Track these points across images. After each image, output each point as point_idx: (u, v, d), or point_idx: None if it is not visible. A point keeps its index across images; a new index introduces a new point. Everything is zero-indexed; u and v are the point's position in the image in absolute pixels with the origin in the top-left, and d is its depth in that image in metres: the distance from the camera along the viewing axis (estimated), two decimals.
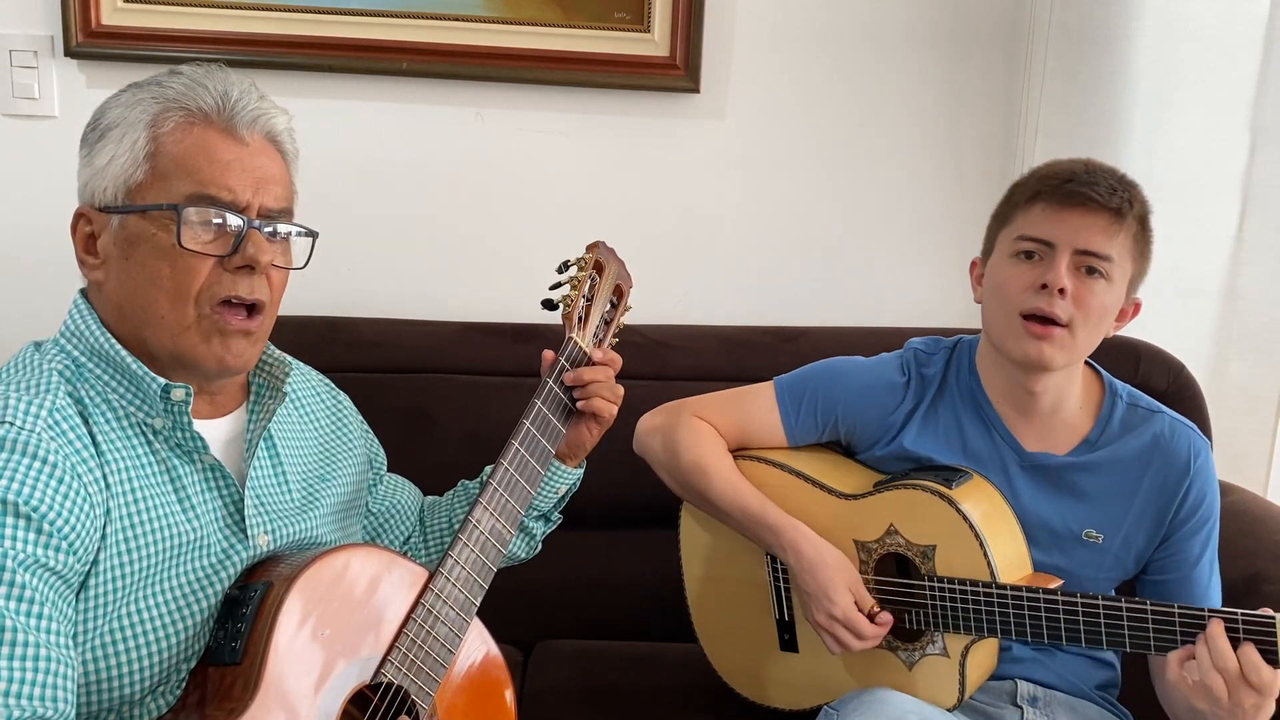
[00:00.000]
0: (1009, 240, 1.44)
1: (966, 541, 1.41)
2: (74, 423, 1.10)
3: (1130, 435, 1.49)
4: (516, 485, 1.30)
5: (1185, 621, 1.29)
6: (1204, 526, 1.48)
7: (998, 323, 1.45)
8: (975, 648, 1.43)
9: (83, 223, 1.17)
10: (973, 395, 1.53)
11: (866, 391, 1.56)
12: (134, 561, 1.11)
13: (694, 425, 1.60)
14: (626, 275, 1.51)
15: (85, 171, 1.17)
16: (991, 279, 1.47)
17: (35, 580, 1.02)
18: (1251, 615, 1.25)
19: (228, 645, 1.12)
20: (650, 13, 2.02)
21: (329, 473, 1.36)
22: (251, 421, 1.26)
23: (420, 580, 1.22)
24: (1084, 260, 1.39)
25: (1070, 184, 1.39)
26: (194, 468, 1.18)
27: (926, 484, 1.44)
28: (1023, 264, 1.42)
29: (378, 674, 1.16)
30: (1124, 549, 1.48)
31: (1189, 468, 1.47)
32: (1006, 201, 1.48)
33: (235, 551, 1.19)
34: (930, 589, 1.43)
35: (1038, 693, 1.50)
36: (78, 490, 1.06)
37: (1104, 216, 1.39)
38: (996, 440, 1.51)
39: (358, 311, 1.98)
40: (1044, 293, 1.39)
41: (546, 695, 1.70)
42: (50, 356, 1.15)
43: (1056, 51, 1.96)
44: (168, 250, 1.13)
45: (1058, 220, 1.40)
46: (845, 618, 1.43)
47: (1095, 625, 1.34)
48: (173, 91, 1.16)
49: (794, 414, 1.58)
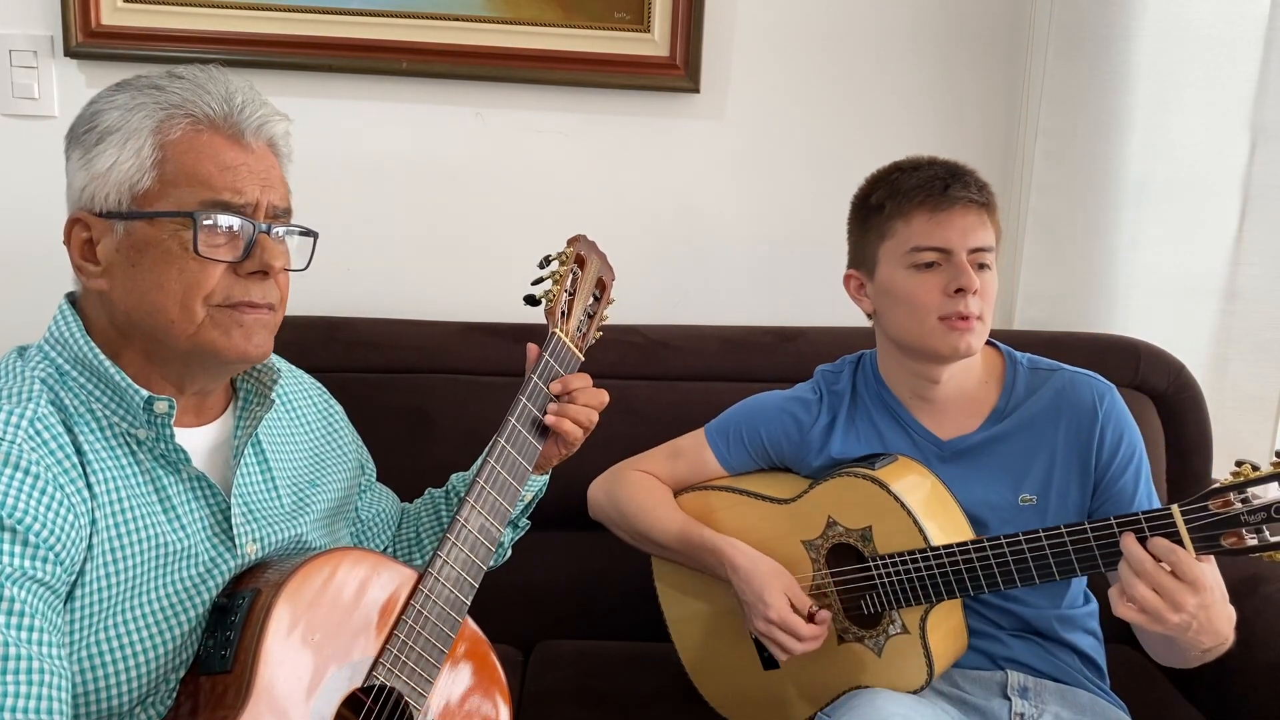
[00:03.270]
0: (900, 254, 1.49)
1: (897, 515, 1.45)
2: (56, 431, 1.09)
3: (1035, 396, 1.54)
4: (504, 482, 1.30)
5: (1098, 532, 1.33)
6: (1130, 463, 1.51)
7: (912, 329, 1.50)
8: (932, 618, 1.46)
9: (79, 228, 1.14)
10: (881, 399, 1.59)
11: (783, 413, 1.63)
12: (121, 571, 1.11)
13: (634, 477, 1.68)
14: (609, 268, 1.51)
15: (81, 175, 1.13)
16: (893, 292, 1.51)
17: (24, 593, 1.01)
18: (1152, 511, 1.29)
19: (218, 653, 1.12)
20: (650, 13, 2.02)
21: (320, 477, 1.36)
22: (239, 428, 1.26)
23: (410, 581, 1.21)
24: (976, 257, 1.48)
25: (949, 190, 1.47)
26: (179, 477, 1.18)
27: (852, 470, 1.51)
28: (925, 273, 1.47)
29: (370, 676, 1.16)
30: (1061, 503, 1.51)
31: (1096, 412, 1.51)
32: (876, 213, 1.52)
33: (223, 560, 1.18)
34: (876, 568, 1.47)
35: (1028, 682, 1.51)
36: (61, 500, 1.06)
37: (981, 213, 1.49)
38: (914, 436, 1.56)
39: (358, 311, 1.98)
40: (959, 296, 1.45)
41: (546, 695, 1.70)
42: (34, 364, 1.14)
43: (1056, 51, 1.96)
44: (178, 256, 1.12)
45: (947, 227, 1.47)
46: (780, 619, 1.47)
47: (1023, 560, 1.38)
48: (176, 96, 1.14)
49: (726, 449, 1.65)
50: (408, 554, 1.53)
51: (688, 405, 1.80)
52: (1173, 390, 1.90)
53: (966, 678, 1.52)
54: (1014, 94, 2.10)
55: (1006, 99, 2.11)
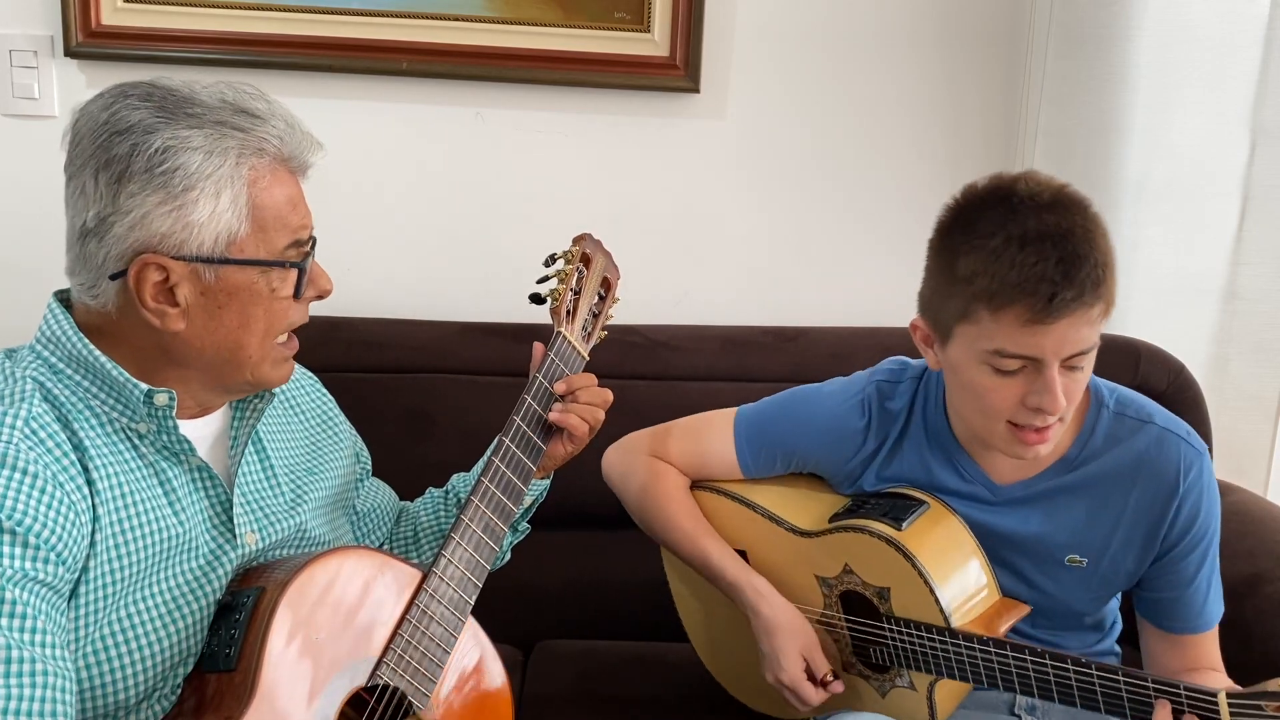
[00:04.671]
0: (980, 349, 1.26)
1: (916, 586, 1.36)
2: (52, 429, 1.08)
3: (1115, 450, 1.37)
4: (508, 483, 1.30)
5: (1132, 687, 1.23)
6: (1199, 545, 1.38)
7: (975, 422, 1.33)
8: (941, 683, 1.40)
9: (153, 271, 1.10)
10: (939, 434, 1.43)
11: (823, 437, 1.48)
12: (125, 566, 1.11)
13: (653, 470, 1.57)
14: (614, 267, 1.50)
15: (165, 219, 1.09)
16: (962, 376, 1.30)
17: (27, 595, 1.01)
18: (1196, 690, 1.18)
19: (222, 652, 1.12)
20: (650, 13, 2.02)
21: (317, 466, 1.36)
22: (236, 420, 1.26)
23: (414, 581, 1.21)
24: (1072, 361, 1.25)
25: (1055, 299, 1.19)
26: (182, 469, 1.18)
27: (875, 527, 1.38)
28: (1003, 377, 1.26)
29: (373, 676, 1.16)
30: (1112, 570, 1.40)
31: (1179, 484, 1.35)
32: (962, 282, 1.25)
33: (224, 553, 1.19)
34: (891, 630, 1.41)
35: (1035, 702, 1.46)
36: (61, 499, 1.05)
37: (1090, 311, 1.22)
38: (965, 476, 1.42)
39: (358, 311, 1.98)
40: (1037, 412, 1.25)
41: (546, 695, 1.70)
42: (26, 364, 1.13)
43: (1056, 51, 1.96)
44: (265, 298, 1.15)
45: (1043, 336, 1.22)
46: (792, 684, 1.43)
47: (1045, 679, 1.29)
48: (256, 139, 1.13)
49: (749, 455, 1.53)
50: (404, 552, 1.52)
51: (688, 405, 1.79)
52: (1173, 390, 1.89)
53: (973, 698, 1.46)
54: (1014, 94, 2.10)
55: (1006, 99, 2.11)
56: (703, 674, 1.69)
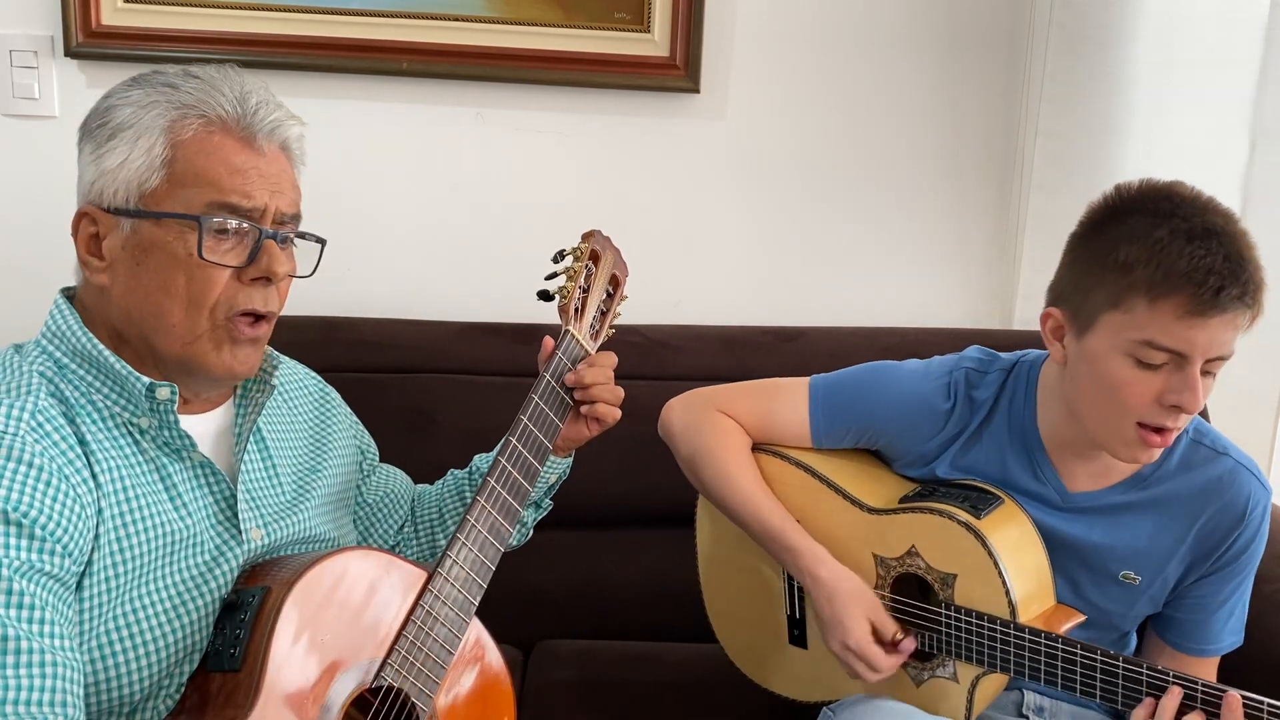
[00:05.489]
0: (1127, 338, 1.25)
1: (989, 576, 1.35)
2: (58, 423, 1.09)
3: (1188, 474, 1.37)
4: (515, 483, 1.29)
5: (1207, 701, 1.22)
6: (1238, 575, 1.39)
7: (1102, 420, 1.31)
8: (986, 678, 1.39)
9: (86, 222, 1.14)
10: (1023, 431, 1.42)
11: (904, 414, 1.46)
12: (128, 560, 1.11)
13: (719, 426, 1.53)
14: (623, 264, 1.49)
15: (91, 170, 1.14)
16: (1098, 369, 1.28)
17: (33, 586, 1.02)
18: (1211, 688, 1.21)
19: (226, 651, 1.12)
20: (650, 13, 2.02)
21: (319, 464, 1.36)
22: (240, 416, 1.26)
23: (419, 581, 1.21)
24: (1211, 365, 1.26)
25: (1222, 294, 1.20)
26: (184, 465, 1.18)
27: (955, 512, 1.37)
28: (1145, 370, 1.25)
29: (377, 677, 1.16)
30: (1160, 590, 1.40)
31: (1244, 516, 1.36)
32: (1118, 271, 1.25)
33: (229, 548, 1.19)
34: (947, 617, 1.39)
35: (1044, 703, 1.47)
36: (66, 491, 1.06)
37: (1244, 315, 1.24)
38: (1041, 479, 1.41)
39: (358, 311, 1.98)
40: (1172, 412, 1.25)
41: (546, 695, 1.70)
42: (31, 358, 1.14)
43: (1056, 51, 1.96)
44: (184, 260, 1.12)
45: (1198, 330, 1.21)
46: (859, 649, 1.38)
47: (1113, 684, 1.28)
48: (190, 96, 1.14)
49: (823, 422, 1.50)
50: (429, 532, 1.52)
51: None
52: None
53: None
54: (1014, 94, 2.10)
55: (1006, 99, 2.11)
56: (702, 674, 1.69)
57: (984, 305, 2.18)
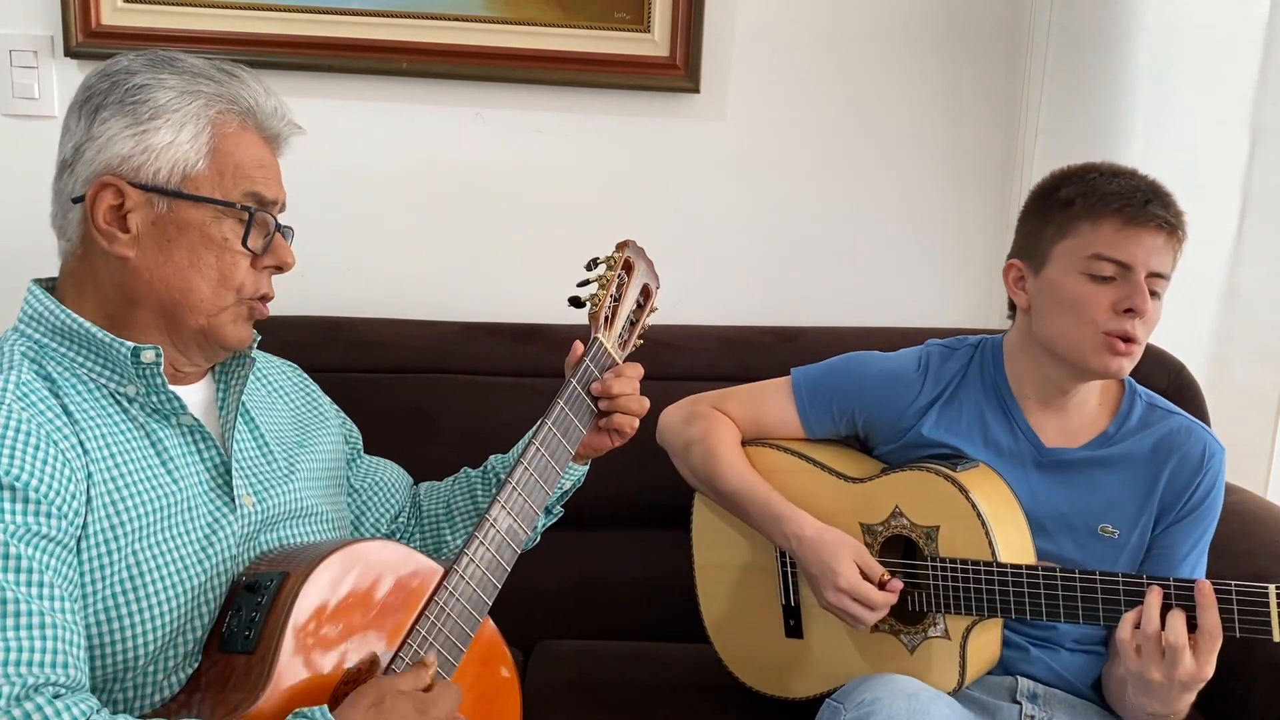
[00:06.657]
0: (1079, 257, 1.44)
1: (969, 522, 1.43)
2: (42, 394, 1.11)
3: (1146, 431, 1.51)
4: (534, 486, 1.30)
5: (1182, 597, 1.33)
6: (1199, 525, 1.50)
7: (1070, 336, 1.45)
8: (976, 631, 1.45)
9: (110, 193, 1.15)
10: (996, 389, 1.55)
11: (882, 384, 1.58)
12: (125, 523, 1.12)
13: (710, 416, 1.63)
14: (654, 276, 1.50)
15: (126, 142, 1.15)
16: (1059, 294, 1.46)
17: (32, 549, 1.03)
18: (1183, 582, 1.31)
19: (241, 634, 1.13)
20: (650, 13, 2.02)
21: (306, 439, 1.38)
22: (221, 389, 1.28)
23: (435, 576, 1.22)
24: (1151, 283, 1.42)
25: (1149, 205, 1.41)
26: (174, 429, 1.19)
27: (933, 466, 1.48)
28: (1098, 284, 1.43)
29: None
30: (1139, 543, 1.50)
31: (1202, 463, 1.49)
32: (1061, 208, 1.46)
33: (223, 515, 1.20)
34: (933, 569, 1.45)
35: (1038, 689, 1.51)
36: (55, 456, 1.07)
37: (1171, 238, 1.43)
38: (1018, 435, 1.53)
39: (358, 311, 1.98)
40: (1128, 316, 1.41)
41: (546, 695, 1.70)
42: (10, 342, 1.16)
43: (1056, 51, 1.96)
44: (218, 243, 1.18)
45: (1135, 243, 1.41)
46: (851, 587, 1.44)
47: (1093, 597, 1.37)
48: (231, 91, 1.20)
49: (809, 408, 1.61)
50: (435, 529, 1.54)
51: None
52: (1172, 390, 1.89)
53: (978, 683, 1.51)
54: (1014, 94, 2.10)
55: (1006, 99, 2.11)
56: (702, 674, 1.69)
57: (984, 305, 2.18)
